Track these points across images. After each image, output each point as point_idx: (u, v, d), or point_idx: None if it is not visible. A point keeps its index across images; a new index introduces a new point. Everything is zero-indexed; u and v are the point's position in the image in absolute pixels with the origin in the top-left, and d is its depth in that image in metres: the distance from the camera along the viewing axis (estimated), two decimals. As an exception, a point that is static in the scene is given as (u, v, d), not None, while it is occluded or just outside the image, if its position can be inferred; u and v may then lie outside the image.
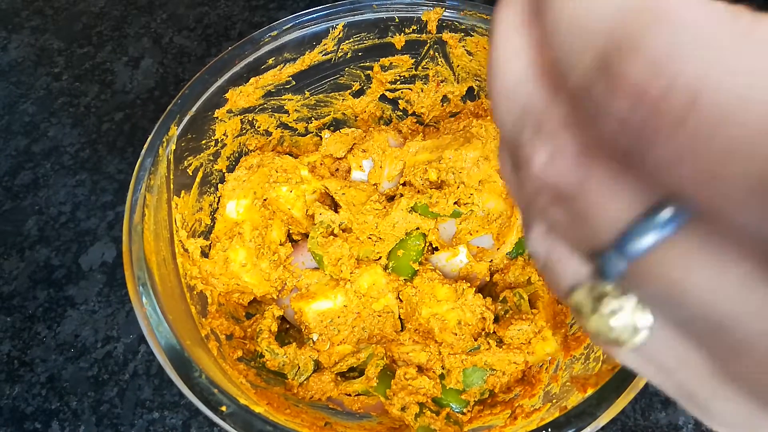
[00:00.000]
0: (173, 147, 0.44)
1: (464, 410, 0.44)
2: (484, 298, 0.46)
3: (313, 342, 0.47)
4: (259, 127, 0.53)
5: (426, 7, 0.50)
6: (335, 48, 0.52)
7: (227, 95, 0.48)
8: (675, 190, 0.12)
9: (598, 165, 0.13)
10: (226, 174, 0.51)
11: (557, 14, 0.13)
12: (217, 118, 0.49)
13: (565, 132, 0.14)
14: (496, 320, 0.47)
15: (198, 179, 0.48)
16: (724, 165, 0.11)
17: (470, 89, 0.56)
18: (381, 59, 0.53)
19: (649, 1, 0.12)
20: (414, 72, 0.55)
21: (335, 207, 0.51)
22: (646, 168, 0.12)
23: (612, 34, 0.12)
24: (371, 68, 0.54)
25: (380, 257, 0.49)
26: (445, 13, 0.50)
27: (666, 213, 0.13)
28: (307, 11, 0.50)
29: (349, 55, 0.53)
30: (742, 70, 0.10)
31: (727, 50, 0.11)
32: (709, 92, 0.10)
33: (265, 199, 0.51)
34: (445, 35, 0.52)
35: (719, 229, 0.12)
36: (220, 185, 0.51)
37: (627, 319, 0.14)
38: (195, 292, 0.45)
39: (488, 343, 0.45)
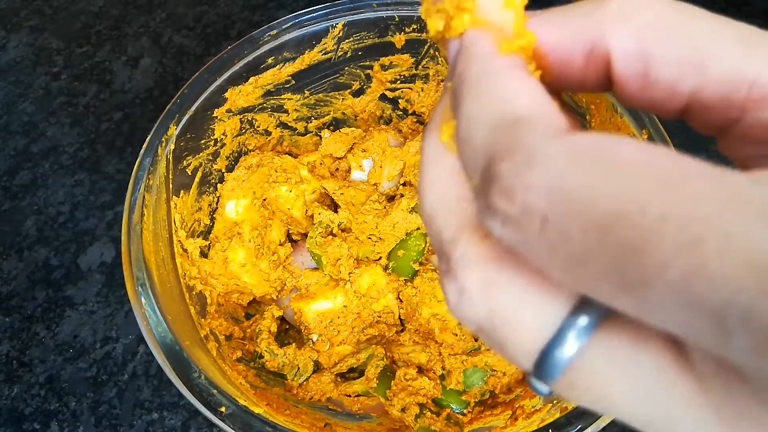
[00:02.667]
0: (172, 147, 0.44)
1: (465, 411, 0.44)
2: (485, 298, 0.46)
3: (313, 342, 0.47)
4: (258, 126, 0.53)
5: (426, 6, 0.50)
6: (335, 47, 0.51)
7: (226, 95, 0.48)
8: (576, 290, 0.13)
9: (502, 291, 0.14)
10: (225, 174, 0.51)
11: (459, 131, 0.15)
12: (216, 117, 0.48)
13: (467, 268, 0.15)
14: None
15: (197, 179, 0.48)
16: (585, 261, 0.12)
17: (470, 89, 0.55)
18: (381, 58, 0.53)
19: (512, 121, 0.14)
20: (414, 71, 0.55)
21: (335, 207, 0.51)
22: (537, 272, 0.14)
23: (487, 155, 0.14)
24: (371, 67, 0.54)
25: (380, 257, 0.49)
26: (446, 12, 0.50)
27: (572, 330, 0.13)
28: (306, 10, 0.49)
29: (348, 55, 0.52)
30: (579, 184, 0.12)
31: (563, 169, 0.13)
32: (554, 206, 0.12)
33: (264, 199, 0.50)
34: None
35: (622, 327, 0.13)
36: (219, 185, 0.51)
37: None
38: (194, 293, 0.45)
39: (489, 343, 0.44)
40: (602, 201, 0.12)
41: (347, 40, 0.51)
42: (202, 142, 0.48)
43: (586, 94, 0.46)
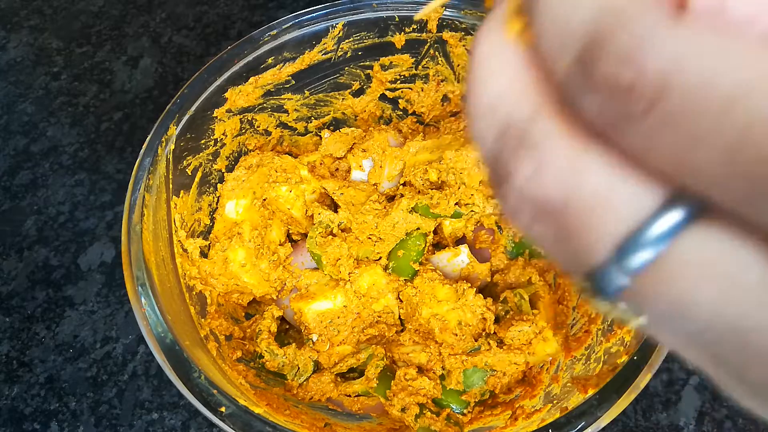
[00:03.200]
0: (172, 147, 0.44)
1: (465, 411, 0.44)
2: (485, 298, 0.46)
3: (313, 342, 0.47)
4: (258, 126, 0.53)
5: (425, 6, 0.50)
6: (335, 47, 0.51)
7: (226, 95, 0.48)
8: (668, 181, 0.12)
9: (590, 169, 0.13)
10: (225, 174, 0.51)
11: (544, 19, 0.14)
12: (216, 117, 0.48)
13: (550, 141, 0.14)
14: (497, 321, 0.47)
15: (197, 179, 0.48)
16: (697, 143, 0.11)
17: (470, 89, 0.55)
18: (381, 58, 0.53)
19: (625, 3, 0.12)
20: (414, 71, 0.55)
21: (335, 207, 0.51)
22: (628, 159, 0.13)
23: (591, 33, 0.12)
24: (371, 67, 0.54)
25: (380, 257, 0.49)
26: (446, 12, 0.50)
27: (666, 218, 0.12)
28: (306, 10, 0.49)
29: (348, 55, 0.52)
30: (703, 52, 0.11)
31: (687, 39, 0.11)
32: (675, 77, 0.11)
33: (264, 199, 0.50)
34: (446, 34, 0.52)
35: (719, 224, 0.12)
36: (219, 185, 0.51)
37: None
38: (194, 293, 0.45)
39: (489, 343, 0.44)
40: (728, 78, 0.11)
41: (347, 40, 0.51)
42: (202, 142, 0.48)
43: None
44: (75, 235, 0.59)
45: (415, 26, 0.51)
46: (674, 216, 0.12)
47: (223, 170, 0.51)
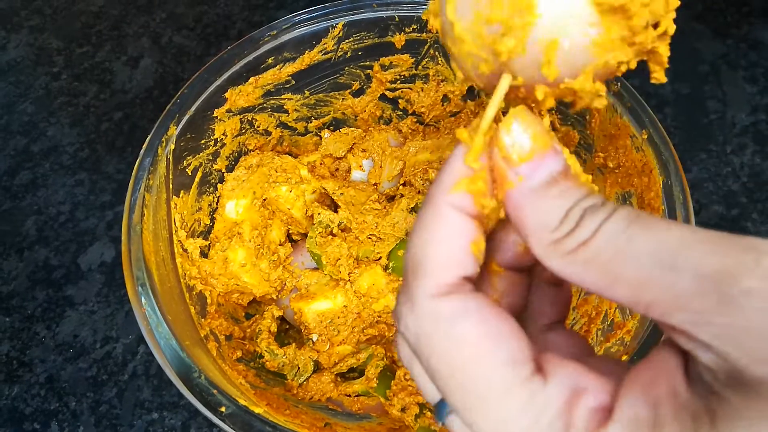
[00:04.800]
0: (172, 147, 0.44)
1: (464, 411, 0.44)
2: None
3: (313, 342, 0.47)
4: (258, 126, 0.53)
5: (426, 7, 0.50)
6: (335, 47, 0.51)
7: (226, 95, 0.48)
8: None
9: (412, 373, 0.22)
10: (225, 174, 0.51)
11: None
12: (216, 117, 0.48)
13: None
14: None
15: (197, 179, 0.48)
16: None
17: (471, 88, 0.55)
18: (381, 58, 0.53)
19: (413, 272, 0.20)
20: (414, 71, 0.55)
21: (335, 207, 0.51)
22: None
23: (405, 271, 0.21)
24: (371, 67, 0.54)
25: (380, 257, 0.49)
26: (446, 13, 0.50)
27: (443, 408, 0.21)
28: (306, 10, 0.49)
29: (348, 55, 0.52)
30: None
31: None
32: (415, 347, 0.20)
33: (264, 199, 0.50)
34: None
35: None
36: (219, 185, 0.51)
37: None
38: (194, 293, 0.45)
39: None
40: (433, 363, 0.19)
41: (347, 40, 0.51)
42: (202, 142, 0.48)
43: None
44: (75, 235, 0.59)
45: (415, 26, 0.51)
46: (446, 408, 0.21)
47: (223, 170, 0.51)
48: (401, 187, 0.52)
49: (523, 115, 0.19)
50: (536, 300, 0.24)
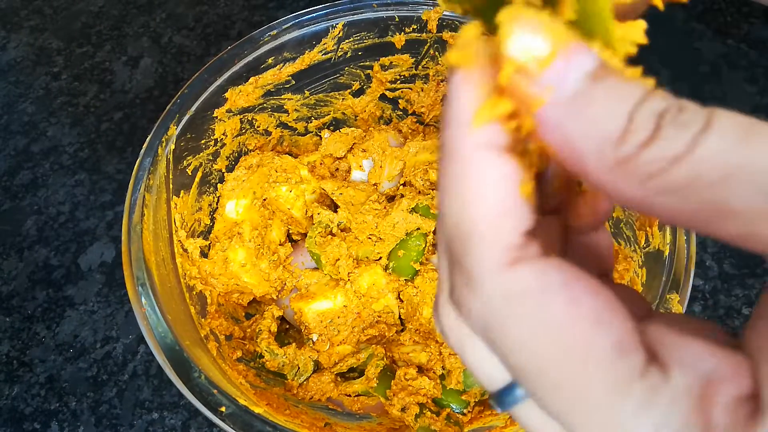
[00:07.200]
0: (172, 147, 0.44)
1: (465, 411, 0.44)
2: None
3: (313, 342, 0.47)
4: (258, 126, 0.53)
5: (426, 6, 0.50)
6: (335, 47, 0.51)
7: (227, 95, 0.48)
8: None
9: (465, 352, 0.18)
10: (225, 174, 0.51)
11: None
12: (216, 117, 0.48)
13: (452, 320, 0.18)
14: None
15: (197, 179, 0.48)
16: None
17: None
18: (381, 58, 0.53)
19: (462, 244, 0.16)
20: (414, 71, 0.55)
21: (335, 207, 0.51)
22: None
23: (449, 249, 0.17)
24: (371, 67, 0.54)
25: (380, 257, 0.49)
26: (446, 12, 0.50)
27: (513, 393, 0.17)
28: (306, 10, 0.49)
29: (348, 55, 0.52)
30: None
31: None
32: (483, 333, 0.17)
33: (264, 199, 0.50)
34: (446, 34, 0.52)
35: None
36: (219, 185, 0.51)
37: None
38: (194, 293, 0.45)
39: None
40: (514, 360, 0.15)
41: (347, 40, 0.51)
42: (202, 142, 0.48)
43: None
44: (75, 235, 0.59)
45: (415, 26, 0.51)
46: (519, 393, 0.17)
47: (223, 170, 0.51)
48: (401, 187, 0.52)
49: (524, 10, 0.14)
50: (571, 252, 0.20)
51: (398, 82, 0.56)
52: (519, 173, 0.15)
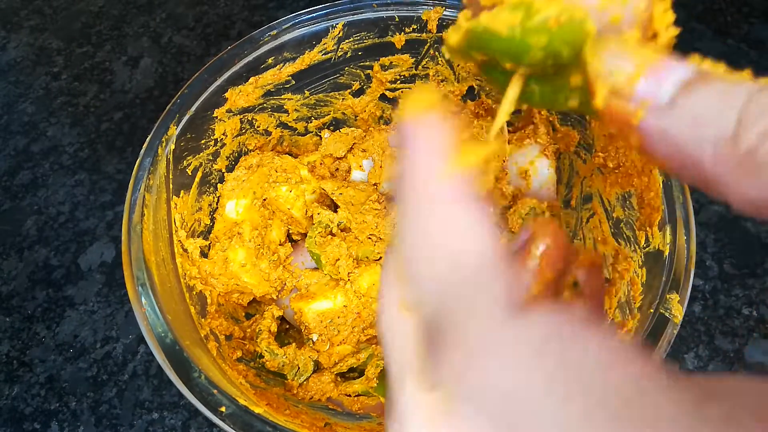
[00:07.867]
0: (172, 147, 0.44)
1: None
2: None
3: (313, 342, 0.47)
4: (258, 126, 0.53)
5: (426, 7, 0.50)
6: (335, 47, 0.51)
7: (226, 95, 0.48)
8: None
9: None
10: (225, 174, 0.51)
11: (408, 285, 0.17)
12: (216, 117, 0.48)
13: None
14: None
15: (197, 179, 0.48)
16: None
17: (470, 89, 0.55)
18: (381, 58, 0.53)
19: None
20: (414, 71, 0.55)
21: (335, 207, 0.51)
22: None
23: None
24: (371, 67, 0.54)
25: (380, 257, 0.49)
26: (446, 13, 0.50)
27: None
28: (306, 10, 0.49)
29: (348, 55, 0.52)
30: None
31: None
32: None
33: (264, 199, 0.50)
34: (446, 34, 0.51)
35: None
36: (219, 185, 0.51)
37: None
38: (194, 293, 0.45)
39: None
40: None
41: (347, 40, 0.51)
42: (202, 142, 0.48)
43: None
44: (75, 235, 0.59)
45: (415, 26, 0.51)
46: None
47: (223, 170, 0.51)
48: (401, 187, 0.52)
49: (610, 41, 0.15)
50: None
51: (398, 82, 0.56)
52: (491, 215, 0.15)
